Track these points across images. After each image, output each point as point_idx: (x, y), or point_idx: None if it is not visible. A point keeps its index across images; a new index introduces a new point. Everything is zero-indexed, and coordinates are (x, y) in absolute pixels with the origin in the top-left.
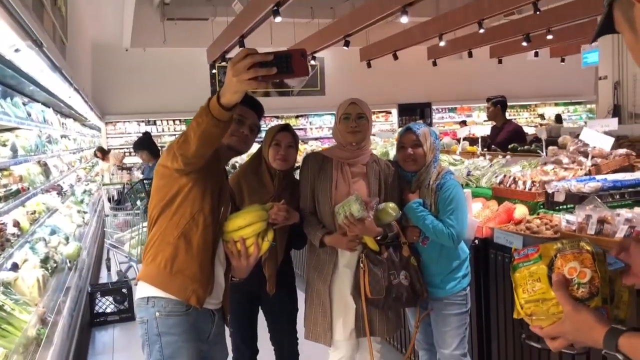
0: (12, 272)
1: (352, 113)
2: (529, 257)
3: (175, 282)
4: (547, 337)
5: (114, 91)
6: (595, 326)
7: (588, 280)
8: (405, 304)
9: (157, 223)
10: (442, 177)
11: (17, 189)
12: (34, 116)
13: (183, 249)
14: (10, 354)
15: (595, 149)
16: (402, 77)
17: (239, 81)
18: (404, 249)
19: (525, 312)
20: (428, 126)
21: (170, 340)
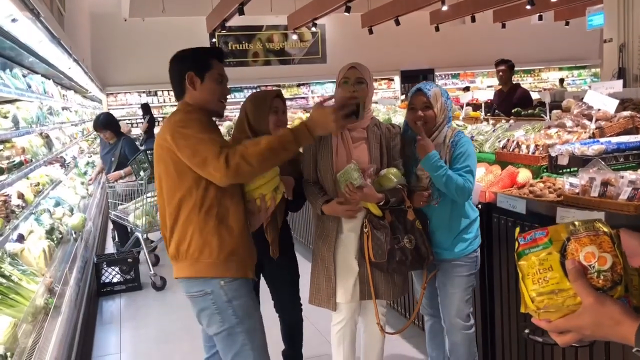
0: (18, 243)
1: (351, 77)
2: (537, 242)
3: (232, 267)
4: (556, 331)
5: (114, 62)
6: (623, 320)
7: (609, 266)
8: (409, 267)
9: (180, 215)
10: (455, 134)
11: (20, 161)
12: (34, 88)
13: (226, 234)
14: (19, 322)
15: (600, 112)
16: (405, 43)
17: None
18: (409, 213)
19: (537, 305)
20: (439, 86)
21: (242, 302)
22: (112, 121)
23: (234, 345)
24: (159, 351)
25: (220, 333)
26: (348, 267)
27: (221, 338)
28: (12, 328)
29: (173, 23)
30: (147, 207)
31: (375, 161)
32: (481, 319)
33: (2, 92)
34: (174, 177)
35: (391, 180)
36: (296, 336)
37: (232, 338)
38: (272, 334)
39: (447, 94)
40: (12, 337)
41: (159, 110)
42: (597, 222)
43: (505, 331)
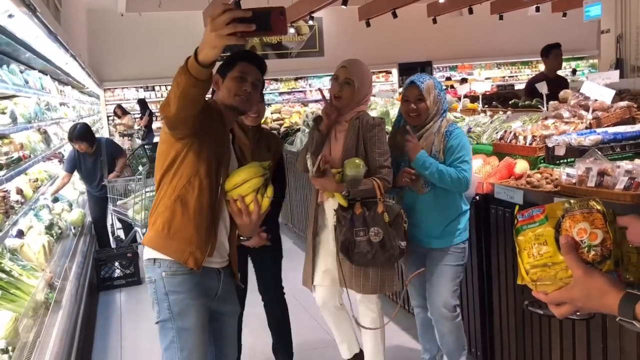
0: (18, 238)
1: (340, 77)
2: (534, 219)
3: (172, 245)
4: (552, 303)
5: (110, 57)
6: (609, 291)
7: (600, 242)
8: (372, 261)
9: (160, 188)
10: (449, 125)
11: (18, 157)
12: (32, 83)
13: (179, 212)
14: (20, 317)
15: (597, 102)
16: (402, 36)
17: (218, 36)
18: (379, 205)
19: (531, 277)
20: (432, 77)
21: (178, 298)
22: (89, 132)
23: (165, 339)
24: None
25: (157, 323)
26: (328, 252)
27: (158, 328)
28: (13, 322)
29: (170, 18)
30: (146, 201)
31: (348, 152)
32: (480, 308)
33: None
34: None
35: (351, 170)
36: (281, 320)
37: (164, 331)
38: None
39: (441, 86)
40: (13, 331)
41: (156, 105)
42: (592, 200)
43: (503, 321)
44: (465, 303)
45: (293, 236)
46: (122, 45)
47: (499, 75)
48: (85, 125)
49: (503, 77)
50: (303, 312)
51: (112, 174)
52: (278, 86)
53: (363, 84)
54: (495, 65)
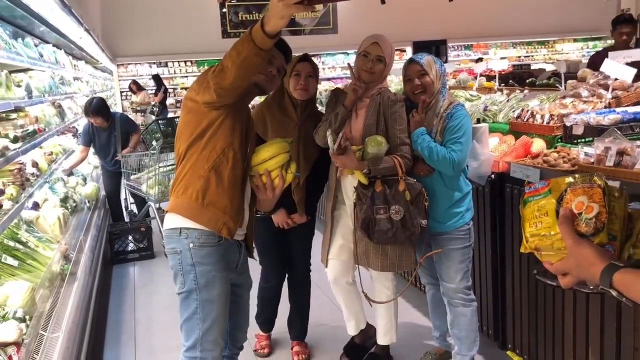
0: (34, 210)
1: (372, 53)
2: (539, 191)
3: (207, 214)
4: (556, 272)
5: (124, 32)
6: (595, 262)
7: (594, 215)
8: (393, 239)
9: (186, 157)
10: (453, 107)
11: (33, 130)
12: (46, 57)
13: (214, 182)
14: (37, 287)
15: (616, 82)
16: (417, 13)
17: (285, 5)
18: (400, 183)
19: (530, 245)
20: (431, 54)
21: (204, 270)
22: (105, 106)
23: (187, 310)
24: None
25: (180, 294)
26: (345, 227)
27: (180, 299)
28: (30, 292)
29: None
30: (159, 176)
31: (369, 129)
32: (492, 288)
33: (15, 61)
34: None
35: (372, 147)
36: (303, 295)
37: (187, 302)
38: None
39: (440, 61)
40: (30, 301)
41: (169, 82)
42: (595, 176)
43: (516, 299)
44: (478, 281)
45: None
46: (135, 20)
47: (514, 55)
48: (101, 99)
49: (519, 56)
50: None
51: (125, 149)
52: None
53: (392, 61)
54: (511, 45)
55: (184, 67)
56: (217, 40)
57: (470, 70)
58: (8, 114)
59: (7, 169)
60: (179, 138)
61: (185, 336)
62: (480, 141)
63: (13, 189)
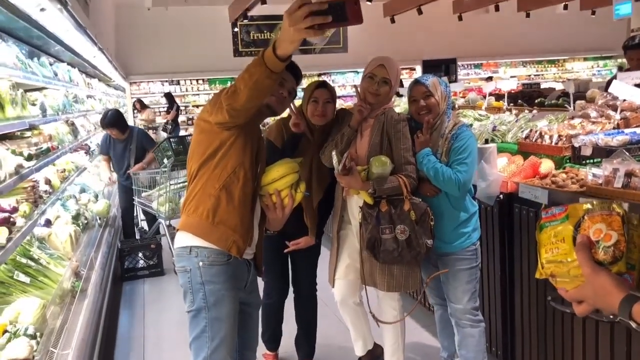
0: (46, 227)
1: (378, 75)
2: (556, 217)
3: (217, 233)
4: (571, 300)
5: (137, 51)
6: (613, 291)
7: (613, 243)
8: (399, 259)
9: (197, 176)
10: (458, 128)
11: (47, 148)
12: (61, 76)
13: (225, 201)
14: (48, 304)
15: (625, 102)
16: (427, 32)
17: (297, 30)
18: (406, 203)
19: (545, 272)
20: (435, 76)
21: (214, 289)
22: (120, 119)
23: (196, 328)
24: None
25: (189, 312)
26: (351, 247)
27: (189, 317)
28: (41, 309)
29: (196, 12)
30: (170, 194)
31: (373, 148)
32: (501, 308)
33: (31, 80)
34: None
35: (376, 167)
36: (310, 315)
37: (196, 320)
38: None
39: (445, 83)
40: (41, 317)
41: (181, 99)
42: (614, 203)
43: (525, 320)
44: (487, 302)
45: None
46: (148, 39)
47: (524, 74)
48: (117, 111)
49: (529, 75)
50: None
51: (137, 165)
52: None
53: (397, 83)
54: (521, 64)
55: (196, 85)
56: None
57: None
58: (23, 132)
59: (21, 187)
60: (191, 157)
61: (194, 354)
62: (488, 161)
63: (26, 206)
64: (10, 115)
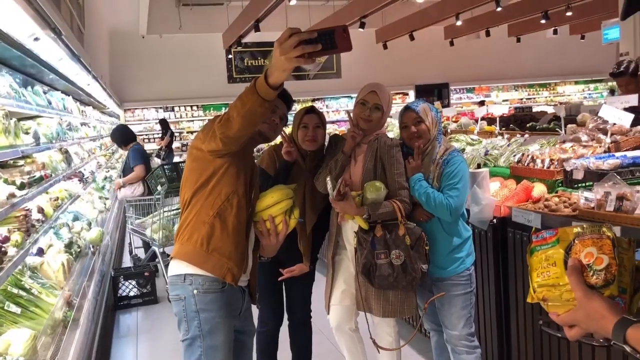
0: (38, 256)
1: (370, 102)
2: (547, 240)
3: (211, 260)
4: (563, 324)
5: (131, 78)
6: (606, 315)
7: (604, 267)
8: (394, 284)
9: (191, 204)
10: (449, 153)
11: (40, 176)
12: (54, 104)
13: (219, 229)
14: (38, 335)
15: (615, 126)
16: (419, 57)
17: (287, 59)
18: (400, 228)
19: (537, 296)
20: (426, 102)
21: (208, 317)
22: (118, 133)
23: (191, 357)
24: None
25: (184, 340)
26: (347, 273)
27: (184, 345)
28: (32, 340)
29: (190, 40)
30: (164, 221)
31: (367, 174)
32: (497, 332)
33: (24, 109)
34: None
35: (371, 193)
36: (305, 343)
37: (191, 349)
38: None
39: (436, 110)
40: (31, 349)
41: (175, 126)
42: (604, 226)
43: (521, 344)
44: (483, 326)
45: None
46: (142, 66)
47: (516, 97)
48: (119, 126)
49: (521, 99)
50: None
51: (117, 181)
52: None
53: (389, 109)
54: (513, 88)
55: (190, 112)
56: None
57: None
58: (16, 161)
59: (13, 215)
60: (184, 185)
61: None
62: (481, 186)
63: (18, 235)
64: (2, 144)
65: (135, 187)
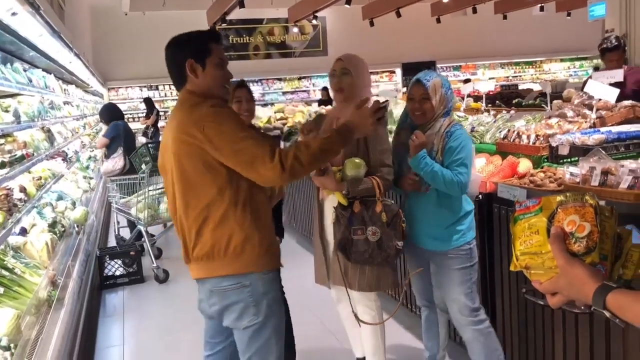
0: (21, 236)
1: (337, 69)
2: (530, 209)
3: (270, 258)
4: (545, 292)
5: (115, 56)
6: (588, 281)
7: (586, 234)
8: (369, 260)
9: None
10: (452, 126)
11: (21, 155)
12: (35, 82)
13: (263, 227)
14: (22, 314)
15: (601, 102)
16: (406, 35)
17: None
18: (378, 205)
19: (520, 264)
20: (440, 75)
21: (275, 296)
22: (109, 111)
23: (259, 339)
24: (162, 343)
25: (251, 326)
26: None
27: (250, 331)
28: (15, 320)
29: (174, 17)
30: (149, 200)
31: (349, 150)
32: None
33: (3, 87)
34: (202, 175)
35: (350, 169)
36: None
37: (260, 332)
38: None
39: (449, 85)
40: (15, 329)
41: (160, 105)
42: (587, 195)
43: (506, 321)
44: None
45: (296, 235)
46: (126, 44)
47: (502, 75)
48: (108, 104)
49: (507, 77)
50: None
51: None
52: (282, 85)
53: (360, 74)
54: (499, 65)
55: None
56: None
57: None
58: None
59: None
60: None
61: None
62: None
63: (0, 215)
64: None
65: (116, 160)
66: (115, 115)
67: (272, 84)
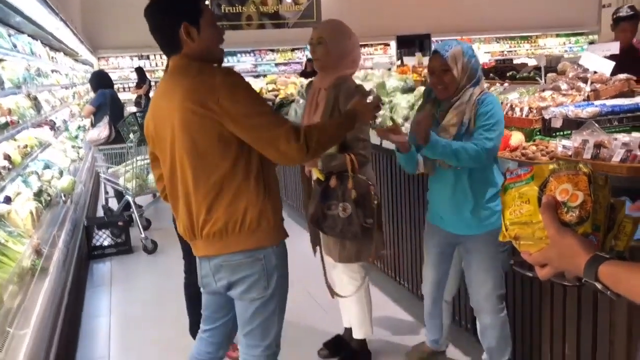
0: (5, 204)
1: (314, 38)
2: (521, 178)
3: (283, 230)
4: (535, 263)
5: (105, 24)
6: (580, 252)
7: (579, 204)
8: (340, 235)
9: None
10: (483, 93)
11: (5, 122)
12: (20, 48)
13: (275, 200)
14: (5, 283)
15: (595, 75)
16: (401, 7)
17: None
18: (349, 181)
19: (509, 234)
20: (461, 43)
21: (284, 270)
22: (98, 79)
23: (264, 312)
24: (149, 314)
25: (259, 299)
26: None
27: (257, 303)
28: None
29: None
30: (137, 170)
31: None
32: None
33: None
34: (215, 149)
35: None
36: None
37: (266, 304)
38: None
39: (472, 52)
40: None
41: (151, 75)
42: (580, 163)
43: None
44: None
45: (287, 208)
46: (116, 12)
47: (497, 50)
48: (98, 71)
49: (502, 51)
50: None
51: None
52: (274, 57)
53: (338, 43)
54: (495, 40)
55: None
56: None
57: None
58: None
59: None
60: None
61: (260, 337)
62: None
63: None
64: None
65: (102, 129)
66: (103, 83)
67: (265, 55)
